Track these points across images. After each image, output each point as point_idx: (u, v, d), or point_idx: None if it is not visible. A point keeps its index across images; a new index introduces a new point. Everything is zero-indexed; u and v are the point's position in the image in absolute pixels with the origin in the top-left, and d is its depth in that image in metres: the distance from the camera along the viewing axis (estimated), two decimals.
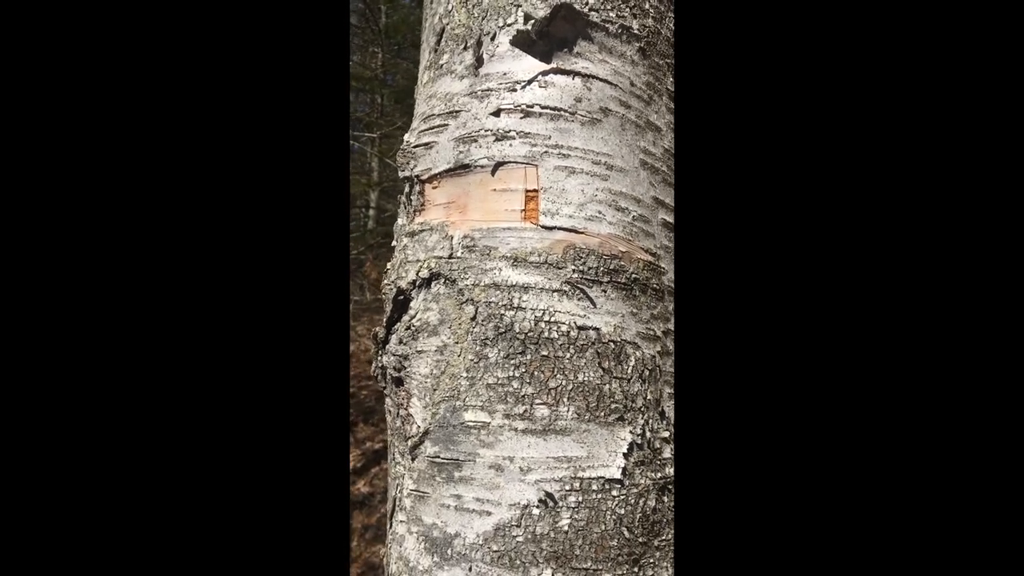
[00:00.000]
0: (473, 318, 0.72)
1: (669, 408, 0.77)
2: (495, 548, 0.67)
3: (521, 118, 0.74)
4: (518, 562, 0.67)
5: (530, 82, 0.74)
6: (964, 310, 0.59)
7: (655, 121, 0.80)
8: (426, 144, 0.80)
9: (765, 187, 0.64)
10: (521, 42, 0.74)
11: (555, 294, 0.71)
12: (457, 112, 0.78)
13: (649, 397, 0.74)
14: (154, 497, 0.60)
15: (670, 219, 0.81)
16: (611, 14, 0.76)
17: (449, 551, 0.70)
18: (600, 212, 0.74)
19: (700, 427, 0.63)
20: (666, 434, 0.75)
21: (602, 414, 0.70)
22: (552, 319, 0.71)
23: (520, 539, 0.67)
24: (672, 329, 0.79)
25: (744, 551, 0.59)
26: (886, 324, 0.60)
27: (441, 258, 0.76)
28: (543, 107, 0.74)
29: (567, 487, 0.68)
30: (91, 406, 0.60)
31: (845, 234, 0.62)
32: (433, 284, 0.76)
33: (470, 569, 0.68)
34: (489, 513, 0.68)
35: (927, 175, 0.61)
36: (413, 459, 0.75)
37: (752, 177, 0.64)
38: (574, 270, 0.72)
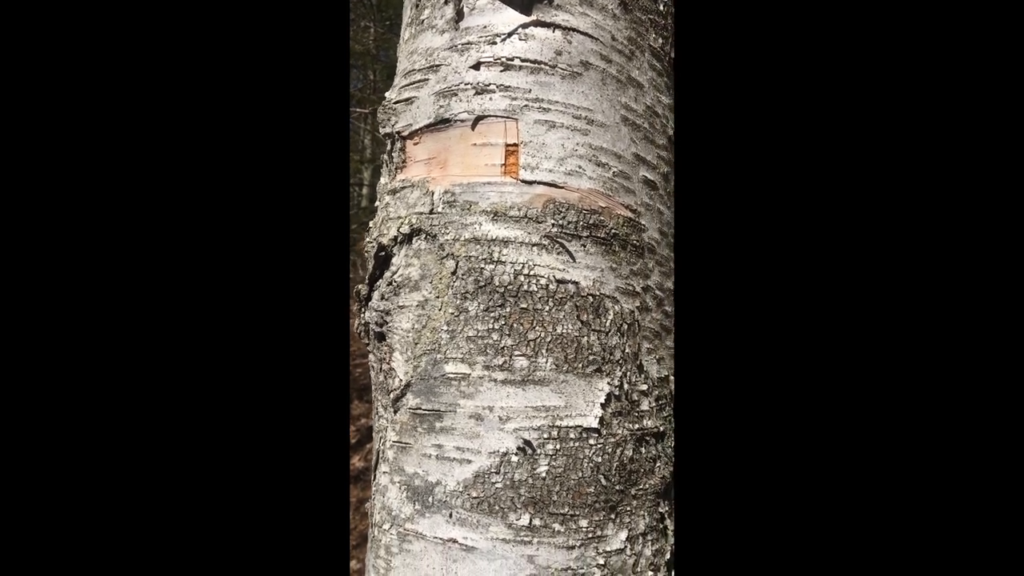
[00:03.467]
0: (454, 272, 0.73)
1: (648, 363, 0.78)
2: (474, 495, 0.69)
3: (501, 71, 0.74)
4: (497, 508, 0.68)
5: (510, 35, 0.74)
6: (950, 290, 0.59)
7: (637, 77, 0.80)
8: (407, 100, 0.80)
9: (764, 155, 0.64)
10: None
11: (534, 248, 0.72)
12: (437, 67, 0.77)
13: (627, 351, 0.75)
14: (154, 480, 0.61)
15: (651, 176, 0.81)
16: None
17: (430, 499, 0.71)
18: (580, 167, 0.74)
19: (700, 392, 0.64)
20: (644, 387, 0.76)
21: (580, 366, 0.71)
22: (531, 273, 0.71)
23: (499, 485, 0.68)
24: (651, 286, 0.80)
25: (744, 518, 0.61)
26: (880, 277, 0.61)
27: (422, 214, 0.76)
28: (523, 60, 0.73)
29: (545, 435, 0.69)
30: (93, 392, 0.60)
31: (843, 203, 0.62)
32: (414, 240, 0.77)
33: (450, 515, 0.70)
34: (469, 461, 0.70)
35: (924, 142, 0.61)
36: (395, 411, 0.76)
37: (752, 144, 0.65)
38: (553, 224, 0.72)
